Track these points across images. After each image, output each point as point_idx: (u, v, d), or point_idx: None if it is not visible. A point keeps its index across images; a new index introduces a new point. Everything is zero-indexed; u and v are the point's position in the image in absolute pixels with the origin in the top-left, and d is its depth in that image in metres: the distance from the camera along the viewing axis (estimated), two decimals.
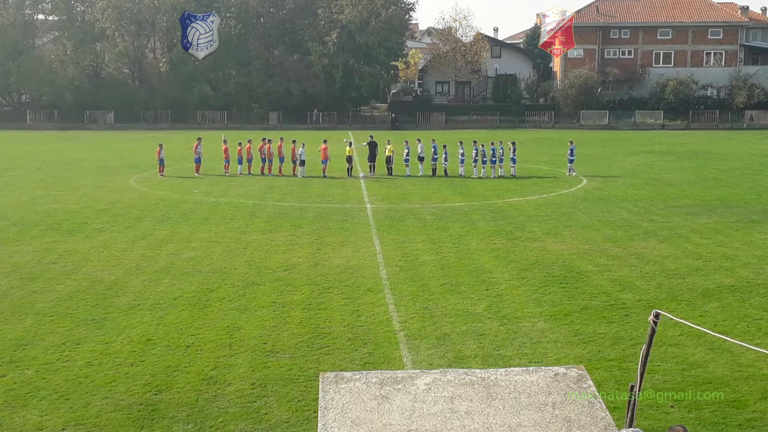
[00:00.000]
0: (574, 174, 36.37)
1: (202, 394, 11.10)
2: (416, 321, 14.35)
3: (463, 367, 10.09)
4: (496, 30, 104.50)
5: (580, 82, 74.83)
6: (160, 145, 37.30)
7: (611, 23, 78.98)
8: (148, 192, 31.11)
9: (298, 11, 77.26)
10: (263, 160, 37.38)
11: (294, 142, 37.83)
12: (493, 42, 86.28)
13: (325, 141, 38.07)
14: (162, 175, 35.90)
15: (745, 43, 78.95)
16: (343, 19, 73.61)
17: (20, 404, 10.78)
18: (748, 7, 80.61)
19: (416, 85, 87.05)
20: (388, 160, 36.83)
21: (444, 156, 36.64)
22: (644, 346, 5.88)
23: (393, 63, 77.79)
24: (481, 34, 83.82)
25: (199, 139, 38.35)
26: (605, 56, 78.84)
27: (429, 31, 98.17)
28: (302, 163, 36.37)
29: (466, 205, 27.90)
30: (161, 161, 36.28)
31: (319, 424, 5.46)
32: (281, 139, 38.70)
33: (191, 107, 73.33)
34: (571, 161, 36.98)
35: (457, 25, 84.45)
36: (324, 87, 74.66)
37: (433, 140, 38.69)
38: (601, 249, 20.41)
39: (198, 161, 37.04)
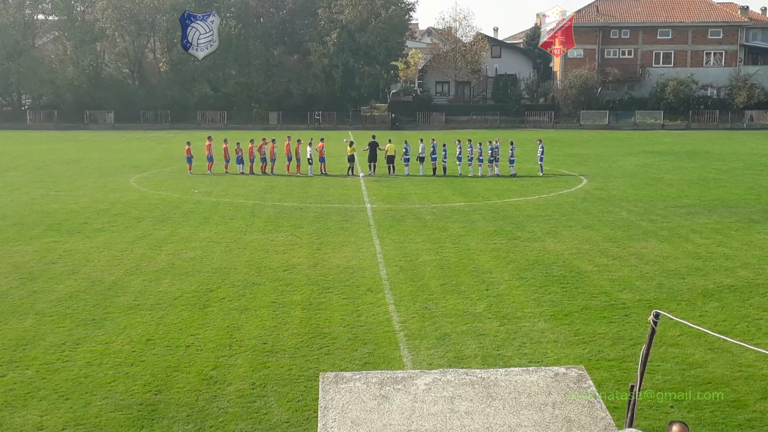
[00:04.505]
0: (541, 174, 36.39)
1: (202, 394, 11.10)
2: (416, 321, 14.35)
3: (463, 367, 10.09)
4: (496, 30, 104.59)
5: (580, 82, 74.82)
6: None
7: (611, 23, 78.98)
8: (148, 192, 31.11)
9: (298, 11, 77.24)
10: (263, 160, 37.48)
11: (299, 141, 37.94)
12: (493, 42, 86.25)
13: (322, 140, 38.48)
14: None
15: (745, 43, 78.94)
16: (343, 19, 73.59)
17: (20, 404, 10.78)
18: (748, 7, 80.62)
19: (416, 85, 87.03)
20: (390, 159, 36.89)
21: (443, 155, 36.72)
22: (644, 346, 5.88)
23: (393, 63, 77.78)
24: (481, 34, 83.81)
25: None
26: (605, 56, 78.83)
27: (429, 31, 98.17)
28: (310, 161, 36.61)
29: (466, 205, 27.90)
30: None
31: (319, 424, 5.46)
32: (288, 138, 38.80)
33: (191, 107, 73.32)
34: (542, 160, 36.96)
35: (457, 25, 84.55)
36: (324, 87, 74.66)
37: (433, 139, 38.78)
38: (601, 249, 20.41)
39: (210, 159, 37.43)
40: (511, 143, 37.49)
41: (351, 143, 38.54)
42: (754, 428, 10.08)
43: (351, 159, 36.97)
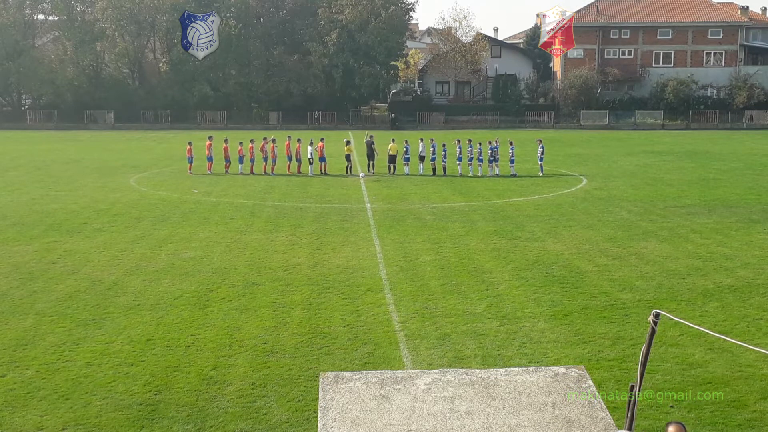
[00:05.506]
0: (541, 174, 36.40)
1: (202, 394, 11.10)
2: (416, 321, 14.35)
3: (463, 367, 10.09)
4: (496, 30, 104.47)
5: (580, 82, 74.81)
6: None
7: (611, 23, 78.99)
8: (148, 192, 31.12)
9: (298, 11, 77.23)
10: (265, 160, 37.53)
11: (299, 141, 38.01)
12: (493, 42, 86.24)
13: (322, 139, 38.59)
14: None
15: (745, 43, 78.93)
16: (343, 19, 73.59)
17: (20, 404, 10.78)
18: (748, 7, 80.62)
19: (416, 85, 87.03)
20: (392, 158, 36.96)
21: (443, 155, 36.76)
22: (644, 346, 5.88)
23: (393, 63, 77.77)
24: (481, 34, 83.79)
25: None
26: (605, 56, 78.83)
27: (429, 31, 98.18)
28: (310, 161, 36.66)
29: (466, 205, 27.90)
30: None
31: (319, 424, 5.46)
32: (288, 138, 38.83)
33: (191, 107, 73.31)
34: (542, 160, 36.95)
35: (457, 25, 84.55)
36: (324, 87, 74.65)
37: (432, 139, 38.88)
38: (601, 249, 20.41)
39: (210, 159, 37.31)
40: (510, 143, 37.50)
41: (348, 142, 38.62)
42: (754, 428, 10.08)
43: (348, 158, 37.14)
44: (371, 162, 37.46)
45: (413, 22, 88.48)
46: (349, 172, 36.68)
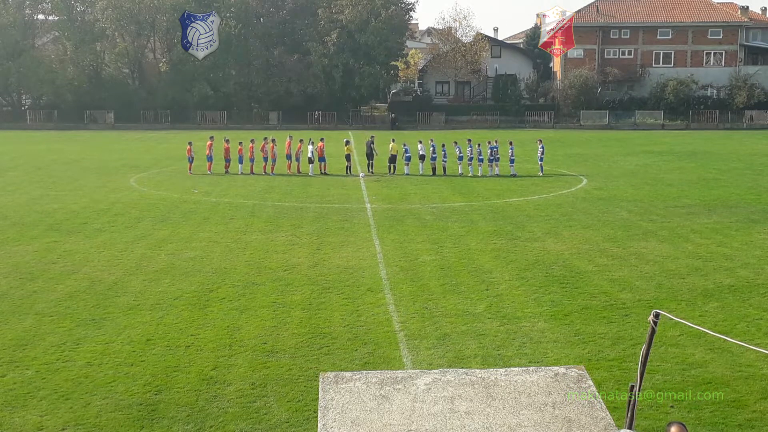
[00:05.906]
0: (541, 174, 36.40)
1: (202, 394, 11.10)
2: (416, 321, 14.35)
3: (463, 367, 10.08)
4: (496, 30, 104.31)
5: (580, 82, 74.81)
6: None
7: (611, 23, 78.99)
8: (148, 192, 31.11)
9: (298, 11, 77.24)
10: (265, 159, 37.54)
11: (301, 141, 38.07)
12: (493, 42, 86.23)
13: (322, 139, 38.66)
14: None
15: (745, 43, 78.94)
16: (343, 19, 73.60)
17: (20, 404, 10.78)
18: (748, 7, 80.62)
19: (416, 85, 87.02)
20: (392, 158, 36.98)
21: (443, 155, 36.78)
22: (644, 346, 5.88)
23: (393, 63, 77.78)
24: (481, 34, 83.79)
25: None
26: (605, 56, 78.84)
27: (429, 31, 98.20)
28: (311, 161, 36.67)
29: (466, 205, 27.90)
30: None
31: (319, 424, 5.46)
32: (289, 137, 38.84)
33: (191, 107, 73.29)
34: (542, 160, 36.94)
35: (457, 25, 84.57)
36: (324, 87, 74.64)
37: (432, 140, 38.90)
38: (601, 249, 20.41)
39: (210, 159, 37.26)
40: (510, 143, 37.51)
41: (348, 142, 38.68)
42: (754, 428, 10.08)
43: (347, 158, 37.20)
44: (371, 162, 37.49)
45: (413, 22, 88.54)
46: (349, 172, 36.72)
